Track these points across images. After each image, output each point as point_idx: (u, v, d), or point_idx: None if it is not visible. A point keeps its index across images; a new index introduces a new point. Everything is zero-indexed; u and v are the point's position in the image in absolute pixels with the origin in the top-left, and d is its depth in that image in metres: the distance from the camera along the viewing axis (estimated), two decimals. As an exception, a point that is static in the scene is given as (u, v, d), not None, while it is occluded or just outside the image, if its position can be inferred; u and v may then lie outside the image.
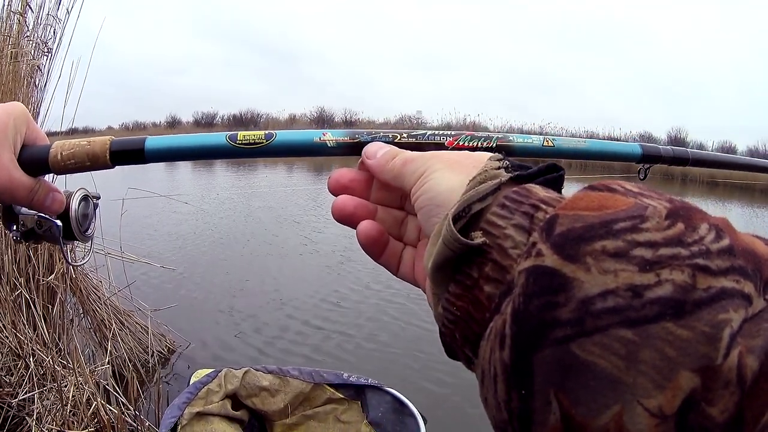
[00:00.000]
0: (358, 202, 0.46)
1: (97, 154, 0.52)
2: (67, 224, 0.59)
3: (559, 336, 0.26)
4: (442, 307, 0.34)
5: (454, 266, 0.33)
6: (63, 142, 0.52)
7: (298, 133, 0.54)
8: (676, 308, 0.24)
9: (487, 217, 0.32)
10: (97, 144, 0.52)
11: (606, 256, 0.26)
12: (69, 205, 0.59)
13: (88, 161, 0.52)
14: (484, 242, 0.32)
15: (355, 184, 0.47)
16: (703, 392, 0.23)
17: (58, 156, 0.51)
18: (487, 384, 0.30)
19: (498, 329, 0.29)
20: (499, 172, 0.35)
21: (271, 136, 0.54)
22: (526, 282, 0.28)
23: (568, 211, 0.29)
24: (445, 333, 0.35)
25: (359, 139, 0.53)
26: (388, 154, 0.44)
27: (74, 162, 0.51)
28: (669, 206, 0.28)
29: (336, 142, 0.53)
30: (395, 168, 0.43)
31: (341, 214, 0.46)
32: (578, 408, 0.25)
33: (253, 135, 0.54)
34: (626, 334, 0.25)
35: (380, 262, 0.46)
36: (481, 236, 0.32)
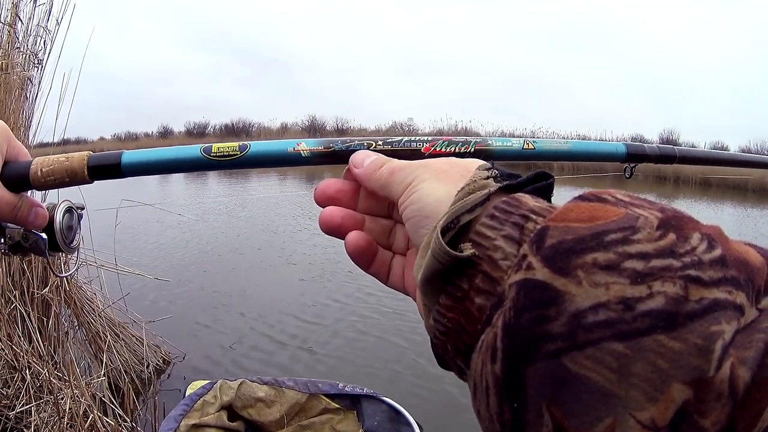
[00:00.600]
0: (346, 212, 0.46)
1: (76, 170, 0.52)
2: (52, 236, 0.59)
3: (550, 349, 0.26)
4: (433, 318, 0.34)
5: (444, 278, 0.33)
6: (43, 158, 0.52)
7: (272, 144, 0.54)
8: (668, 321, 0.24)
9: (476, 228, 0.32)
10: (75, 160, 0.52)
11: (597, 268, 0.26)
12: (53, 217, 0.59)
13: (67, 177, 0.52)
14: (474, 254, 0.31)
15: (342, 194, 0.46)
16: (695, 404, 0.23)
17: (38, 173, 0.51)
18: (479, 396, 0.30)
19: (489, 342, 0.28)
20: (488, 182, 0.35)
21: (245, 148, 0.53)
22: (516, 296, 0.28)
23: (558, 222, 0.28)
24: (436, 344, 0.35)
25: (333, 148, 0.53)
26: (375, 162, 0.44)
27: (54, 178, 0.52)
28: (660, 216, 0.28)
29: (310, 152, 0.53)
30: (382, 177, 0.42)
31: (329, 226, 0.45)
32: (571, 421, 0.25)
33: (228, 147, 0.53)
34: (618, 347, 0.25)
35: (370, 272, 0.46)
36: (470, 248, 0.31)
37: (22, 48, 3.52)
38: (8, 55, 3.43)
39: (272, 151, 0.54)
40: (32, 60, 3.56)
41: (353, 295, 5.94)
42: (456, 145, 0.52)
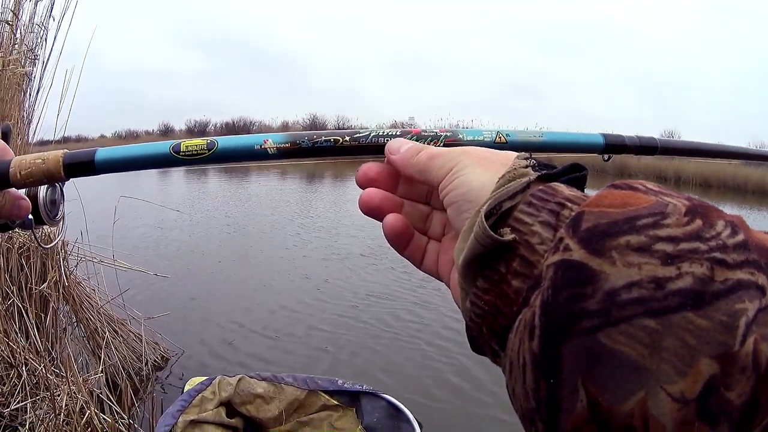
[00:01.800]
0: (385, 195, 0.47)
1: (52, 171, 0.53)
2: (37, 212, 0.61)
3: (586, 326, 0.27)
4: (470, 301, 0.35)
5: (482, 262, 0.34)
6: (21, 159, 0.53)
7: (240, 141, 0.54)
8: (695, 299, 0.26)
9: (515, 215, 0.33)
10: (51, 162, 0.53)
11: (630, 250, 0.27)
12: (37, 193, 0.61)
13: (45, 178, 0.53)
14: (514, 239, 0.32)
15: (383, 177, 0.47)
16: (722, 377, 0.25)
17: (18, 175, 0.52)
18: (515, 375, 0.30)
19: (527, 321, 0.29)
20: (527, 170, 0.36)
21: (213, 146, 0.53)
22: (554, 275, 0.29)
23: (593, 208, 0.30)
24: (471, 327, 0.36)
25: (300, 144, 0.53)
26: (412, 149, 0.45)
27: (33, 180, 0.52)
28: (688, 204, 0.29)
29: (277, 149, 0.53)
30: (420, 162, 0.43)
31: (368, 207, 0.46)
32: (605, 395, 0.26)
33: (196, 145, 0.53)
34: (650, 323, 0.26)
35: (405, 255, 0.47)
36: (510, 233, 0.33)
37: (21, 45, 3.51)
38: (8, 52, 3.43)
39: (239, 149, 0.54)
40: (31, 57, 3.55)
41: (356, 292, 5.96)
42: (425, 139, 0.51)
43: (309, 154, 0.53)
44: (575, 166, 0.37)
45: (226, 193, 15.13)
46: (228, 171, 21.13)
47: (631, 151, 0.76)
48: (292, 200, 13.62)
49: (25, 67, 3.53)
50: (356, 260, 7.38)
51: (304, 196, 15.04)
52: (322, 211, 11.92)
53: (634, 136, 0.76)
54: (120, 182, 6.15)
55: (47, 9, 3.52)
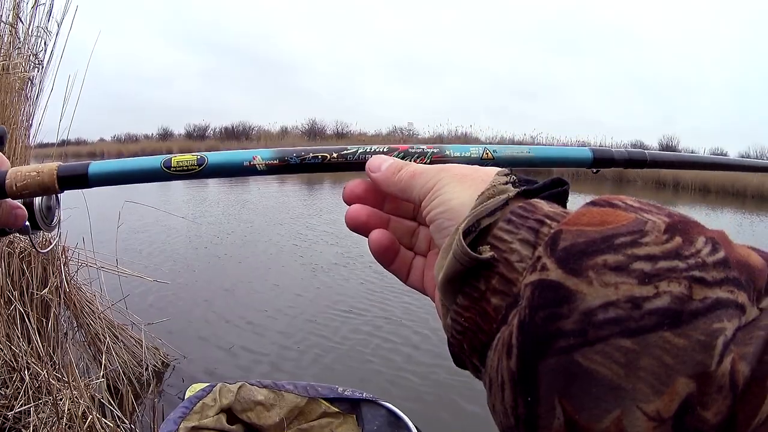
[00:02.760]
0: (371, 211, 0.47)
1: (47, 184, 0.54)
2: (33, 217, 0.63)
3: (562, 345, 0.27)
4: (451, 318, 0.35)
5: (462, 279, 0.34)
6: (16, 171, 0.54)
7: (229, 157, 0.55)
8: (673, 318, 0.26)
9: (494, 232, 0.33)
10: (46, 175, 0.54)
11: (607, 269, 0.28)
12: (33, 200, 0.62)
13: (40, 190, 0.54)
14: (493, 257, 0.33)
15: (369, 194, 0.48)
16: (698, 396, 0.25)
17: (13, 187, 0.53)
18: (494, 392, 0.31)
19: (505, 340, 0.30)
20: (507, 187, 0.36)
21: (203, 162, 0.55)
22: (531, 295, 0.29)
23: (571, 226, 0.30)
24: (453, 343, 0.36)
25: (288, 161, 0.54)
26: (392, 167, 0.45)
27: (28, 192, 0.54)
28: (668, 221, 0.30)
29: (266, 165, 0.54)
30: (402, 180, 0.43)
31: (355, 223, 0.47)
32: (581, 413, 0.27)
33: (186, 161, 0.54)
34: (626, 343, 0.26)
35: (391, 270, 0.47)
36: (489, 250, 0.33)
37: (22, 49, 3.52)
38: (9, 56, 3.44)
39: (229, 165, 0.55)
40: (33, 61, 3.57)
41: (357, 299, 5.95)
42: (412, 156, 0.52)
43: (297, 170, 0.54)
44: (557, 181, 0.37)
45: (227, 199, 15.11)
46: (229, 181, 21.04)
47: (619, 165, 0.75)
48: (293, 206, 13.60)
49: (28, 71, 3.54)
50: (361, 267, 7.40)
51: (305, 202, 15.03)
52: (323, 217, 11.91)
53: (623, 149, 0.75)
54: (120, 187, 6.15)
55: (47, 12, 3.54)
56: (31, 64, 3.56)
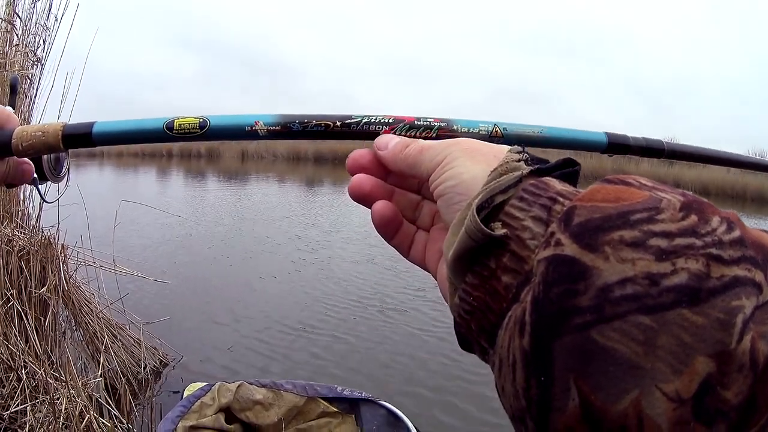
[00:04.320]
0: (375, 182, 0.46)
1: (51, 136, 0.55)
2: (40, 168, 0.64)
3: (578, 323, 0.26)
4: (459, 297, 0.34)
5: (472, 257, 0.33)
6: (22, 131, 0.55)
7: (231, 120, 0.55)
8: (691, 296, 0.25)
9: (506, 209, 0.33)
10: (52, 127, 0.55)
11: (624, 245, 0.27)
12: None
13: (45, 149, 0.55)
14: (506, 234, 0.32)
15: (373, 165, 0.47)
16: (718, 376, 0.24)
17: (20, 147, 0.54)
18: (504, 373, 0.30)
19: (518, 317, 0.29)
20: (520, 164, 0.36)
21: (204, 125, 0.54)
22: (545, 270, 0.28)
23: (585, 202, 0.29)
24: (460, 324, 0.35)
25: (290, 128, 0.53)
26: (400, 143, 0.44)
27: (31, 143, 0.54)
28: (682, 199, 0.29)
29: (267, 131, 0.54)
30: (410, 156, 0.43)
31: (358, 194, 0.46)
32: (597, 394, 0.26)
33: (188, 124, 0.54)
34: (644, 320, 0.25)
35: (392, 243, 0.47)
36: (501, 228, 0.32)
37: (20, 46, 3.50)
38: (5, 54, 3.42)
39: (230, 129, 0.55)
40: (31, 58, 3.55)
41: (355, 299, 5.95)
42: (418, 129, 0.51)
43: (298, 137, 0.54)
44: (568, 161, 0.37)
45: (226, 198, 15.11)
46: (229, 177, 21.12)
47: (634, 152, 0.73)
48: (292, 206, 13.61)
49: (26, 68, 3.53)
50: (357, 265, 7.40)
51: (305, 201, 15.04)
52: (322, 216, 11.91)
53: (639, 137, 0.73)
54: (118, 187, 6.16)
55: (45, 10, 3.52)
56: (30, 61, 3.55)
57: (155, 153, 32.90)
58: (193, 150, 34.24)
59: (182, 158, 33.35)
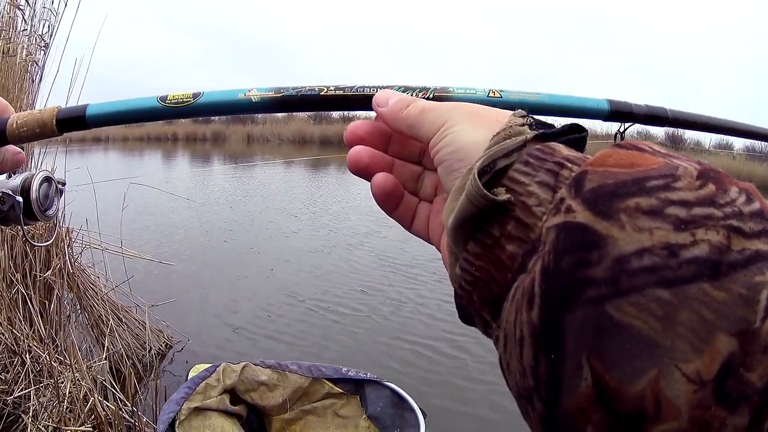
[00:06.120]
0: (374, 153, 0.44)
1: (45, 121, 0.54)
2: (28, 204, 0.61)
3: (592, 295, 0.25)
4: (460, 267, 0.33)
5: (474, 224, 0.32)
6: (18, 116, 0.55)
7: (225, 92, 0.54)
8: (712, 269, 0.23)
9: (510, 174, 0.31)
10: (46, 112, 0.54)
11: (640, 213, 0.25)
12: (30, 184, 0.62)
13: (38, 128, 0.54)
14: (509, 199, 0.30)
15: (372, 136, 0.45)
16: (741, 356, 0.22)
17: (14, 125, 0.54)
18: (510, 348, 0.28)
19: (526, 288, 0.27)
20: (524, 128, 0.34)
21: (198, 95, 0.54)
22: (556, 238, 0.26)
23: (597, 167, 0.28)
24: (461, 295, 0.33)
25: (284, 94, 0.52)
26: (401, 101, 0.42)
27: (26, 129, 0.54)
28: (699, 167, 0.27)
29: (261, 98, 0.53)
30: (410, 116, 0.41)
31: (356, 166, 0.44)
32: (612, 373, 0.24)
33: (182, 95, 0.54)
34: (663, 294, 0.23)
35: (394, 216, 0.45)
36: (504, 193, 0.30)
37: (28, 30, 3.48)
38: (11, 39, 3.40)
39: (223, 98, 0.54)
40: (38, 43, 3.52)
41: (361, 279, 5.97)
42: (413, 91, 0.49)
43: (294, 106, 0.53)
44: (575, 127, 0.35)
45: (232, 183, 15.13)
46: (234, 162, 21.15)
47: (638, 119, 0.72)
48: (298, 190, 13.62)
49: (34, 54, 3.50)
50: (364, 247, 7.40)
51: (310, 186, 15.05)
52: (328, 200, 11.92)
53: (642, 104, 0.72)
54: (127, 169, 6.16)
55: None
56: (37, 46, 3.52)
57: (160, 137, 32.97)
58: (199, 133, 34.28)
59: (188, 142, 33.41)
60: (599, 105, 0.66)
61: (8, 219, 0.62)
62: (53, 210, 0.66)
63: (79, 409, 2.59)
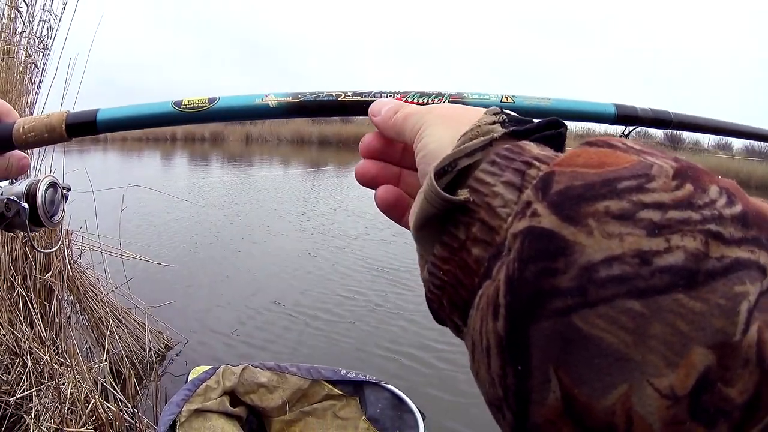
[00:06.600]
0: (380, 166, 0.45)
1: (54, 126, 0.53)
2: (34, 210, 0.61)
3: (558, 306, 0.24)
4: (428, 271, 0.32)
5: (439, 227, 0.31)
6: (24, 121, 0.54)
7: (241, 96, 0.54)
8: (688, 278, 0.22)
9: (475, 174, 0.30)
10: (55, 117, 0.54)
11: (610, 218, 0.24)
12: (36, 190, 0.61)
13: (47, 133, 0.53)
14: (468, 199, 0.29)
15: (384, 147, 0.45)
16: (719, 371, 0.21)
17: (20, 130, 0.53)
18: (478, 357, 0.27)
19: (491, 297, 0.26)
20: (494, 127, 0.33)
21: (213, 100, 0.53)
22: (521, 245, 0.25)
23: (565, 167, 0.26)
24: (431, 299, 0.33)
25: (302, 99, 0.52)
26: (391, 109, 0.43)
27: (34, 135, 0.53)
28: (675, 165, 0.26)
29: (278, 103, 0.53)
30: (397, 123, 0.41)
31: (363, 179, 0.45)
32: (581, 387, 0.23)
33: (197, 100, 0.54)
34: (634, 305, 0.22)
35: (402, 224, 0.44)
36: (467, 193, 0.30)
37: (27, 32, 3.48)
38: (10, 40, 3.40)
39: (240, 103, 0.54)
40: (38, 45, 3.53)
41: (361, 281, 5.97)
42: (429, 96, 0.50)
43: (312, 111, 0.52)
44: (552, 122, 0.33)
45: (230, 184, 15.09)
46: (232, 160, 21.12)
47: (644, 123, 0.73)
48: (296, 191, 13.60)
49: (32, 55, 3.50)
50: (362, 248, 7.41)
51: (309, 184, 15.03)
52: (326, 201, 11.91)
53: (647, 108, 0.73)
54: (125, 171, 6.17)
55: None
56: (36, 48, 3.52)
57: (159, 137, 32.80)
58: (197, 134, 34.13)
59: (186, 142, 33.30)
60: (606, 109, 0.67)
61: (13, 225, 0.61)
62: (59, 216, 0.66)
63: (80, 411, 2.59)
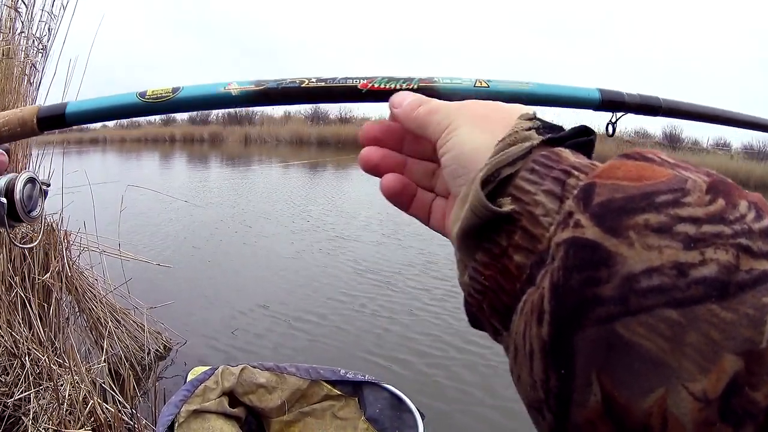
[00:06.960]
0: (384, 153, 0.45)
1: (26, 120, 0.54)
2: (12, 205, 0.61)
3: (602, 315, 0.25)
4: (469, 276, 0.33)
5: (481, 233, 0.32)
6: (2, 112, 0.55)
7: (204, 86, 0.54)
8: (720, 290, 0.24)
9: (516, 183, 0.31)
10: (27, 111, 0.54)
11: (649, 231, 0.25)
12: (14, 186, 0.61)
13: (19, 127, 0.54)
14: (514, 210, 0.30)
15: (386, 135, 0.46)
16: (746, 376, 0.23)
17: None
18: (520, 361, 0.29)
19: (535, 304, 0.28)
20: (530, 133, 0.34)
21: (177, 90, 0.53)
22: (565, 254, 0.27)
23: (605, 180, 0.28)
24: (471, 303, 0.34)
25: (266, 87, 0.52)
26: (414, 102, 0.43)
27: (8, 129, 0.54)
28: (708, 180, 0.27)
29: (241, 91, 0.52)
30: (419, 116, 0.41)
31: (367, 166, 0.45)
32: (621, 390, 0.24)
33: (161, 90, 0.54)
34: (672, 315, 0.24)
35: (409, 213, 0.45)
36: (510, 203, 0.31)
37: (27, 33, 3.47)
38: (10, 41, 3.40)
39: (203, 92, 0.54)
40: (37, 46, 3.52)
41: (359, 282, 5.95)
42: (397, 81, 0.49)
43: (276, 99, 0.52)
44: (582, 129, 0.35)
45: (230, 185, 15.09)
46: (231, 161, 21.11)
47: (630, 109, 0.71)
48: (295, 191, 13.60)
49: (31, 56, 3.50)
50: (357, 248, 7.41)
51: (308, 185, 15.02)
52: (323, 200, 11.90)
53: (634, 93, 0.71)
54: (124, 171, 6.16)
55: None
56: (35, 49, 3.52)
57: (158, 138, 32.84)
58: (196, 134, 34.17)
59: (185, 143, 33.31)
60: (590, 94, 0.66)
61: None
62: (37, 211, 0.66)
63: (78, 412, 2.59)
